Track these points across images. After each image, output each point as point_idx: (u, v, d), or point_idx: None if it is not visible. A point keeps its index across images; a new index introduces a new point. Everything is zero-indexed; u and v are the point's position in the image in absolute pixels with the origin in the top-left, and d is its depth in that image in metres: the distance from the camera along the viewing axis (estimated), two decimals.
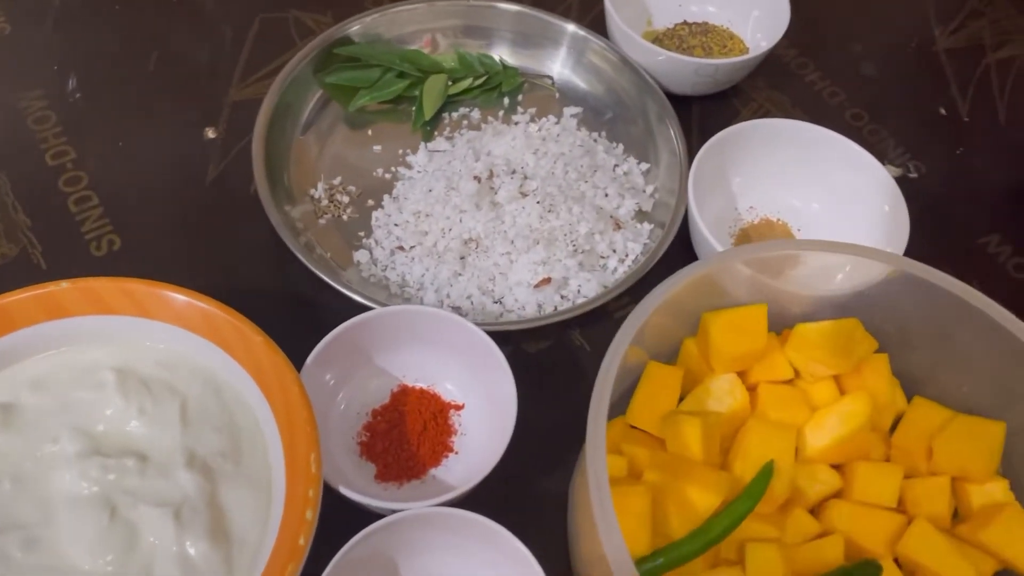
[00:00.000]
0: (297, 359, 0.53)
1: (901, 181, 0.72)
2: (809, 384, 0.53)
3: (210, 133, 0.70)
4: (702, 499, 0.47)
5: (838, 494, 0.51)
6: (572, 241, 0.62)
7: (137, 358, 0.53)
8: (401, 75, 0.71)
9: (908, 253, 0.60)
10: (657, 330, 0.50)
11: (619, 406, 0.53)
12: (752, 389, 0.53)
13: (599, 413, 0.44)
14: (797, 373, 0.54)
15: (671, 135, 0.68)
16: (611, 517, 0.40)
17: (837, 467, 0.51)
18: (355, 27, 0.71)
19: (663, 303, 0.47)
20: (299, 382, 0.50)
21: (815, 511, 0.51)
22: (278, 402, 0.50)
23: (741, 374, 0.53)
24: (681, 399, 0.53)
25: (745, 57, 0.70)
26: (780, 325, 0.55)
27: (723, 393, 0.52)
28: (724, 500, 0.48)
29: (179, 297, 0.52)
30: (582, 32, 0.73)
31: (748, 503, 0.47)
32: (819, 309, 0.54)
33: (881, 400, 0.52)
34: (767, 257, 0.50)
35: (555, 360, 0.61)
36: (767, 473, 0.48)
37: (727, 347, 0.52)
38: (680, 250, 0.65)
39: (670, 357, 0.55)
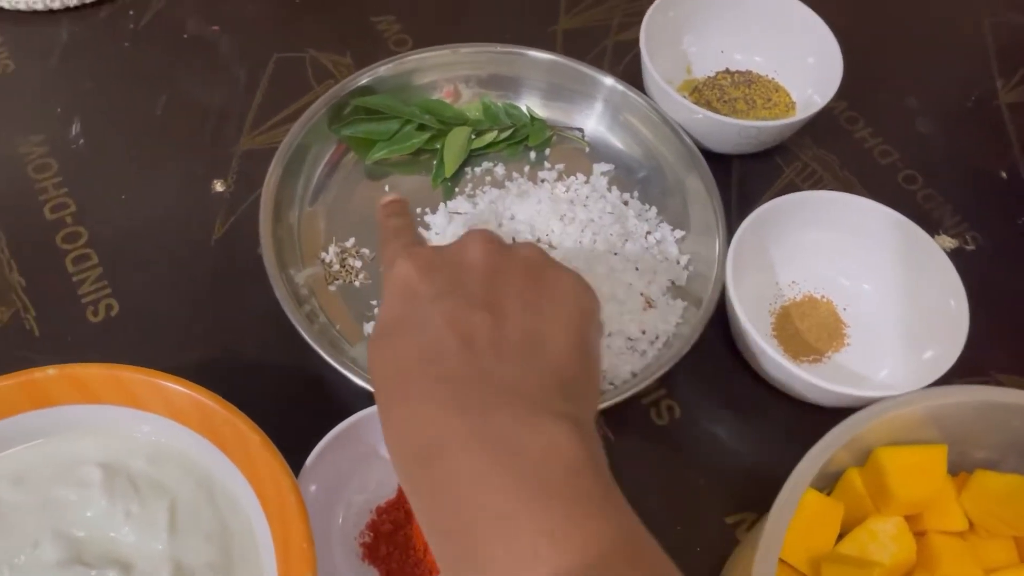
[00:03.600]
0: (304, 445, 0.49)
1: (957, 254, 0.67)
2: (984, 540, 0.49)
3: (218, 186, 0.66)
4: None
5: None
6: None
7: (126, 452, 0.49)
8: (421, 127, 0.67)
9: (966, 347, 0.55)
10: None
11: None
12: (918, 536, 0.48)
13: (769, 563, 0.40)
14: (971, 525, 0.49)
15: (711, 203, 0.63)
16: None
17: None
18: (372, 77, 0.66)
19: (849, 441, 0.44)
20: (296, 490, 0.46)
21: None
22: (274, 511, 0.46)
23: (908, 518, 0.48)
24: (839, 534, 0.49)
25: (792, 120, 0.64)
26: (958, 467, 0.50)
27: (888, 539, 0.48)
28: None
29: (173, 387, 0.48)
30: (620, 87, 0.67)
31: None
32: (1006, 456, 0.49)
33: None
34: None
35: None
36: None
37: (900, 490, 0.47)
38: (715, 330, 0.60)
39: (825, 480, 0.50)
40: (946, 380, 0.54)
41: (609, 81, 0.67)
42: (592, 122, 0.69)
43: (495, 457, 0.33)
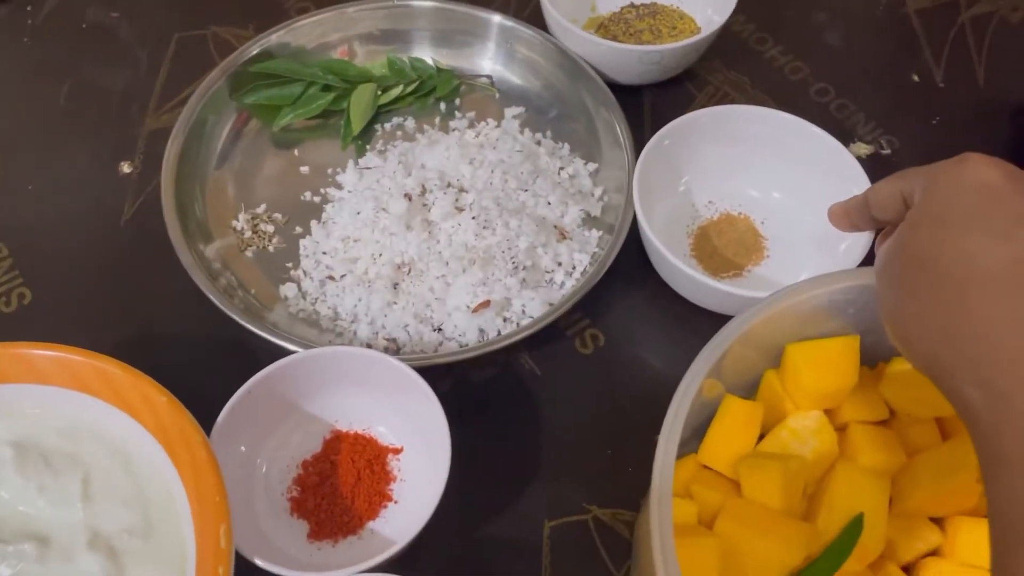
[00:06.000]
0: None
1: (874, 159, 0.67)
2: (907, 426, 0.48)
3: (125, 167, 0.65)
4: (782, 555, 0.42)
5: (937, 552, 0.45)
6: (512, 258, 0.57)
7: (36, 429, 0.48)
8: (326, 88, 0.66)
9: (877, 234, 0.55)
10: (735, 360, 0.45)
11: (690, 443, 0.47)
12: (841, 429, 0.48)
13: (667, 457, 0.40)
14: (893, 413, 0.48)
15: (616, 131, 0.63)
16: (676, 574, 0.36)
17: (937, 521, 0.46)
18: (264, 44, 0.66)
19: (743, 334, 0.43)
20: (206, 445, 0.45)
21: (909, 570, 0.45)
22: (186, 469, 0.45)
23: (828, 412, 0.48)
24: (761, 437, 0.48)
25: (692, 40, 0.64)
26: (875, 358, 0.49)
27: (808, 433, 0.47)
28: (807, 556, 0.43)
29: (74, 358, 0.48)
30: (509, 23, 0.67)
31: (835, 560, 0.42)
32: None
33: None
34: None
35: (504, 389, 0.57)
36: (857, 527, 0.43)
37: (813, 383, 0.46)
38: (633, 255, 0.60)
39: (749, 390, 0.49)
40: None
41: (497, 19, 0.67)
42: (490, 63, 0.69)
43: None
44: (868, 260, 0.54)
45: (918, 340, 0.37)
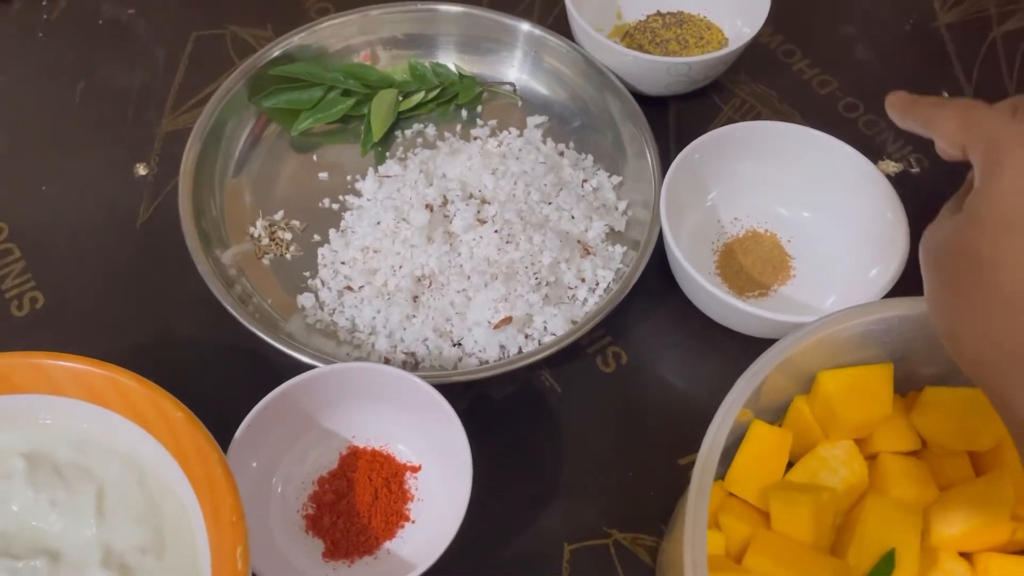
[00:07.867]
0: (238, 425, 0.48)
1: (902, 177, 0.66)
2: (939, 458, 0.47)
3: (141, 169, 0.64)
4: None
5: None
6: (535, 273, 0.56)
7: (49, 440, 0.47)
8: (346, 93, 0.65)
9: (909, 260, 0.54)
10: (768, 388, 0.44)
11: (717, 468, 0.46)
12: (871, 459, 0.47)
13: (701, 496, 0.38)
14: (924, 443, 0.47)
15: (642, 143, 0.62)
16: None
17: (967, 556, 0.45)
18: (286, 46, 0.65)
19: (780, 363, 0.42)
20: (223, 464, 0.44)
21: None
22: (202, 487, 0.44)
23: (858, 442, 0.47)
24: (789, 464, 0.47)
25: (721, 52, 0.63)
26: (907, 386, 0.48)
27: (838, 463, 0.46)
28: None
29: (91, 369, 0.47)
30: (538, 31, 0.66)
31: None
32: (954, 370, 0.46)
33: None
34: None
35: (523, 407, 0.56)
36: (888, 563, 0.42)
37: (846, 413, 0.45)
38: (656, 273, 0.59)
39: (776, 414, 0.48)
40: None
41: (525, 27, 0.66)
42: (515, 71, 0.67)
43: None
44: (897, 288, 0.53)
45: (968, 341, 0.36)
